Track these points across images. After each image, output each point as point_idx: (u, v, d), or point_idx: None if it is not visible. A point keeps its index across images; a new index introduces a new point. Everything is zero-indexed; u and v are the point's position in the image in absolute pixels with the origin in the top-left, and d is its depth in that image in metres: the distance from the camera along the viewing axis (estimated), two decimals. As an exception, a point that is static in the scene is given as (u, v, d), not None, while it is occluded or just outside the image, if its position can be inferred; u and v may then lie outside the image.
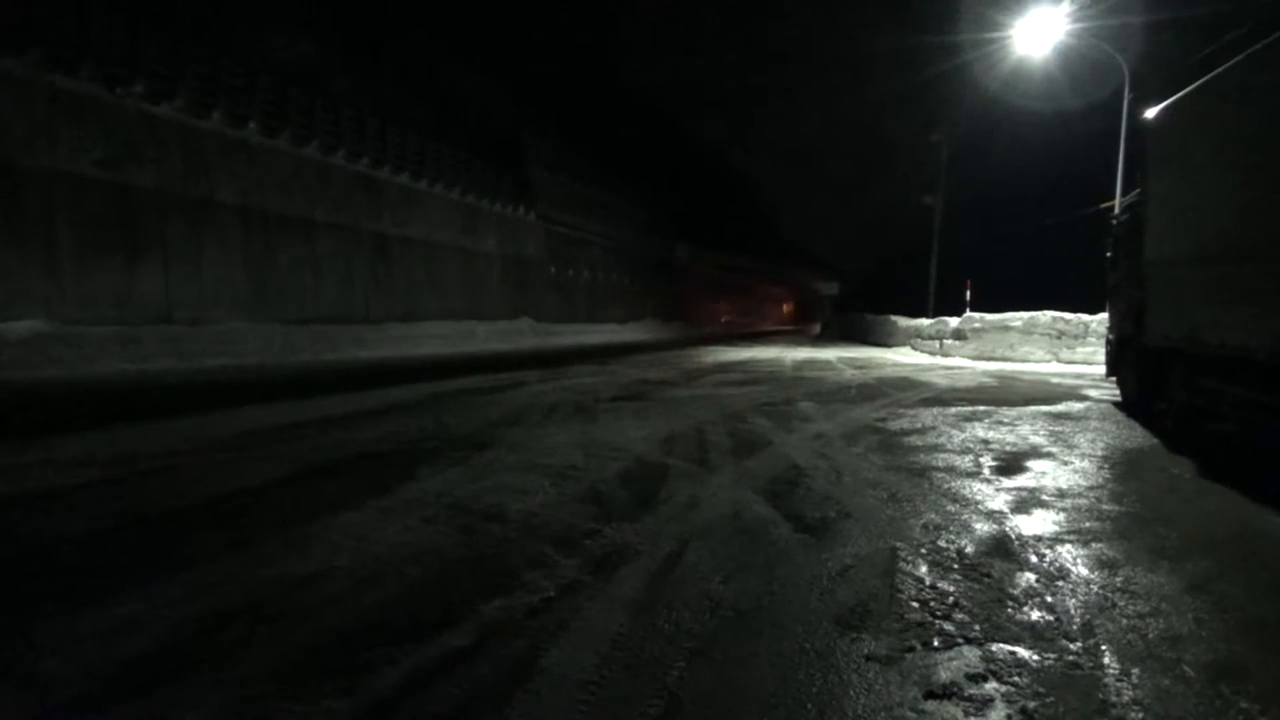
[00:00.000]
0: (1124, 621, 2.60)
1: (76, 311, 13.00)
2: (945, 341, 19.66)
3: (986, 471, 5.02)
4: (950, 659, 2.31)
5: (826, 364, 15.80)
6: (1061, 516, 3.94)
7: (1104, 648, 2.39)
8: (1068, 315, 16.52)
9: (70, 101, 13.25)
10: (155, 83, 14.80)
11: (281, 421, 7.10)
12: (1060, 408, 8.37)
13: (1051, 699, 2.07)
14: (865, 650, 2.36)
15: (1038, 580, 2.99)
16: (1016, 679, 2.18)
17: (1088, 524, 3.80)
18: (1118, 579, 3.02)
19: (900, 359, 17.95)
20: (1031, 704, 2.04)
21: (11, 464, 5.13)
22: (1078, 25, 16.02)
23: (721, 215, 61.64)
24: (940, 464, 5.23)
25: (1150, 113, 7.72)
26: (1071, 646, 2.39)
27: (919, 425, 6.98)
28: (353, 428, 6.75)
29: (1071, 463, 5.34)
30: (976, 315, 18.85)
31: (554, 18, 37.26)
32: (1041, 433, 6.60)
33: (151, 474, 4.84)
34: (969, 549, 3.36)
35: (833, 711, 2.01)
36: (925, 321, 22.65)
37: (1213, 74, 6.06)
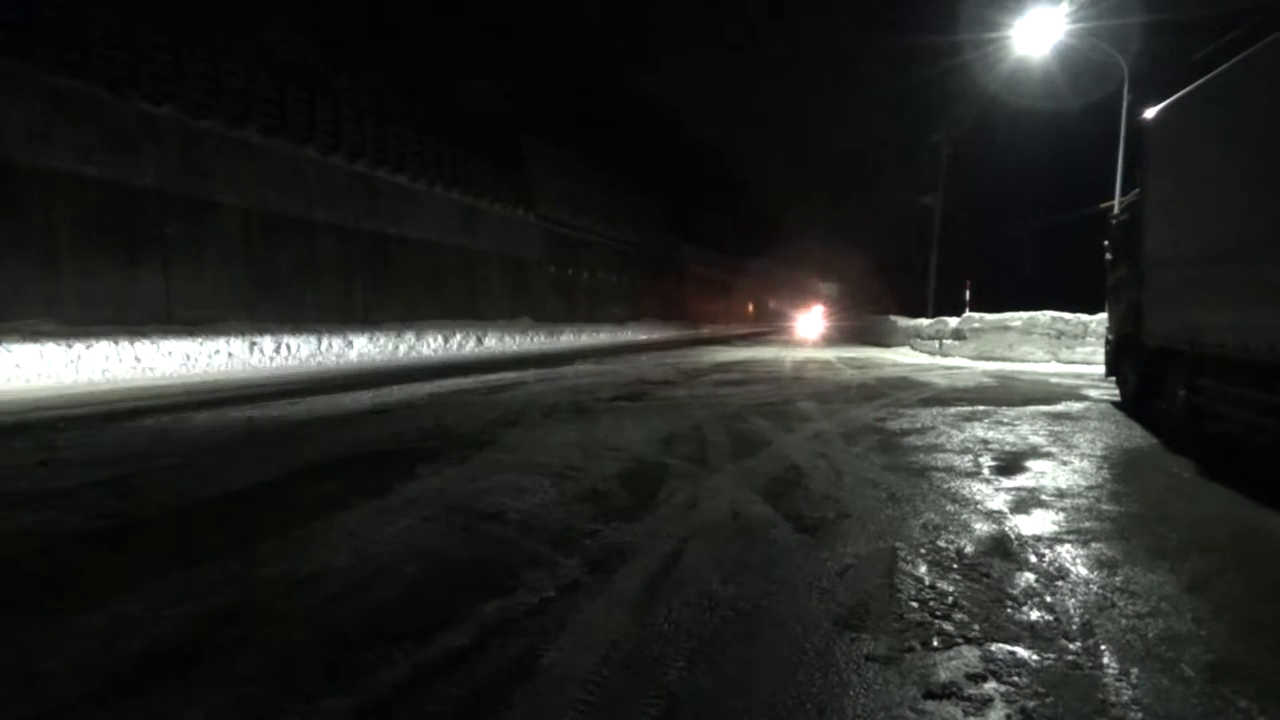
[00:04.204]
0: (1123, 621, 2.60)
1: (77, 311, 12.99)
2: (945, 341, 19.66)
3: (986, 471, 5.02)
4: (950, 659, 2.31)
5: (825, 364, 15.80)
6: (1061, 516, 3.94)
7: (1103, 647, 2.39)
8: (1067, 315, 16.49)
9: (70, 101, 13.25)
10: (155, 83, 14.80)
11: (280, 421, 7.10)
12: (1060, 408, 8.37)
13: (1051, 699, 2.07)
14: (865, 650, 2.36)
15: (1037, 580, 2.99)
16: (1016, 679, 2.18)
17: (1087, 524, 3.80)
18: (1117, 579, 3.02)
19: (900, 359, 17.95)
20: (1031, 704, 2.04)
21: (11, 464, 5.13)
22: (1077, 25, 16.01)
23: (722, 215, 61.64)
24: (940, 464, 5.24)
25: (1149, 113, 7.71)
26: (1071, 646, 2.40)
27: (918, 425, 6.98)
28: (352, 427, 6.75)
29: (1071, 463, 5.34)
30: (976, 315, 18.83)
31: (554, 18, 37.27)
32: (1041, 433, 6.60)
33: (151, 473, 4.84)
34: (968, 549, 3.37)
35: (832, 711, 2.01)
36: (925, 321, 22.64)
37: (1213, 74, 6.05)
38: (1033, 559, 3.25)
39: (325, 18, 21.54)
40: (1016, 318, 17.32)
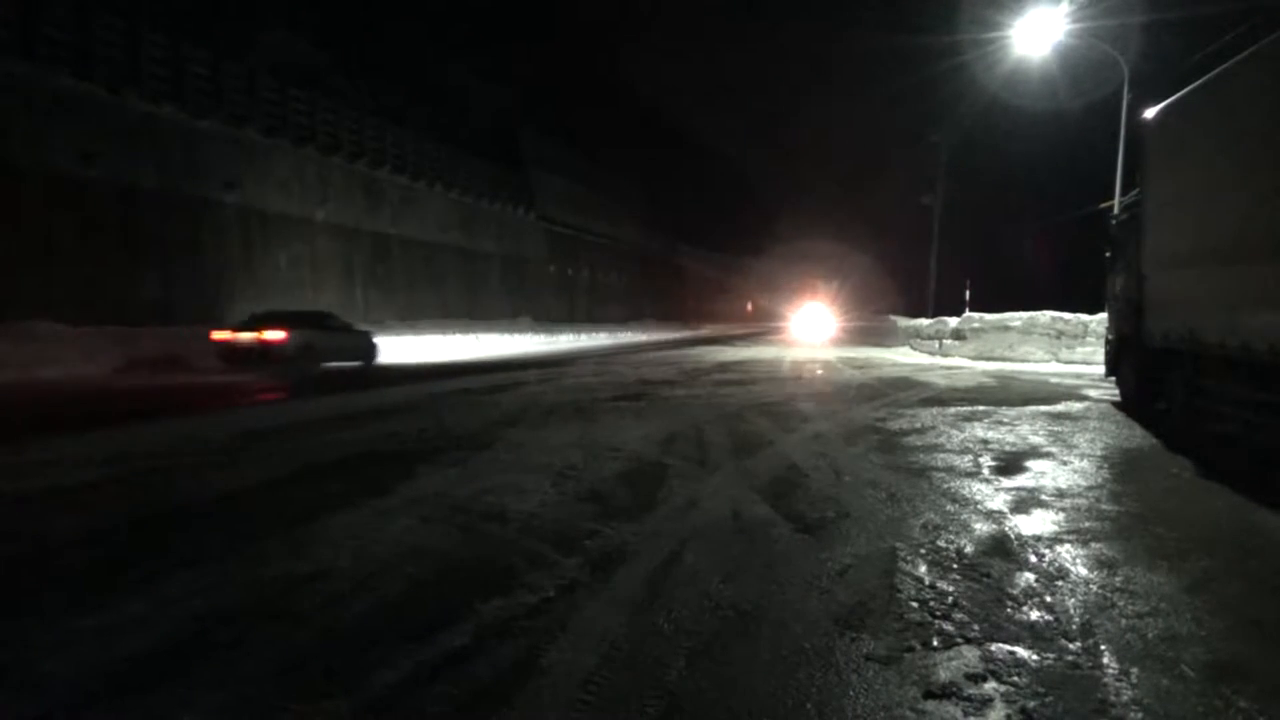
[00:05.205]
0: (1123, 621, 2.60)
1: (76, 311, 13.00)
2: (944, 341, 19.66)
3: (986, 471, 5.03)
4: (949, 659, 2.31)
5: (825, 364, 15.80)
6: (1061, 516, 3.94)
7: (1103, 647, 2.39)
8: (1067, 315, 16.50)
9: (71, 102, 13.25)
10: (156, 83, 14.82)
11: (281, 421, 7.11)
12: (1059, 407, 8.37)
13: (1051, 699, 2.07)
14: (864, 650, 2.36)
15: (1037, 580, 2.99)
16: (1016, 679, 2.18)
17: (1087, 524, 3.80)
18: (1117, 579, 3.02)
19: (899, 359, 17.95)
20: (1031, 704, 2.04)
21: (13, 463, 5.13)
22: (1077, 25, 16.02)
23: (722, 215, 61.67)
24: (939, 464, 5.24)
25: (1149, 113, 7.71)
26: (1071, 646, 2.40)
27: (918, 425, 6.98)
28: (353, 428, 6.75)
29: (1071, 463, 5.34)
30: (976, 315, 18.84)
31: (555, 19, 37.30)
32: (1041, 433, 6.60)
33: (152, 474, 4.84)
34: (968, 549, 3.37)
35: (832, 711, 2.01)
36: (925, 321, 22.65)
37: (1213, 74, 6.06)
38: (1032, 559, 3.25)
39: (325, 18, 21.55)
40: (1016, 318, 17.32)
